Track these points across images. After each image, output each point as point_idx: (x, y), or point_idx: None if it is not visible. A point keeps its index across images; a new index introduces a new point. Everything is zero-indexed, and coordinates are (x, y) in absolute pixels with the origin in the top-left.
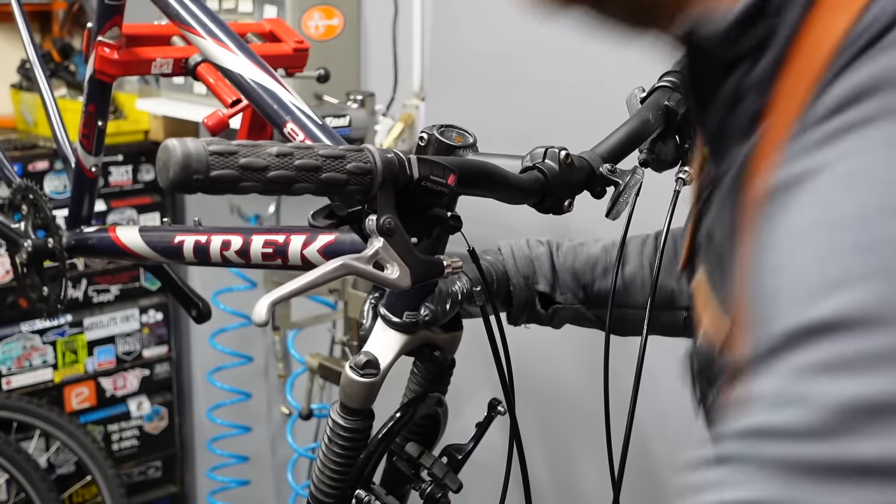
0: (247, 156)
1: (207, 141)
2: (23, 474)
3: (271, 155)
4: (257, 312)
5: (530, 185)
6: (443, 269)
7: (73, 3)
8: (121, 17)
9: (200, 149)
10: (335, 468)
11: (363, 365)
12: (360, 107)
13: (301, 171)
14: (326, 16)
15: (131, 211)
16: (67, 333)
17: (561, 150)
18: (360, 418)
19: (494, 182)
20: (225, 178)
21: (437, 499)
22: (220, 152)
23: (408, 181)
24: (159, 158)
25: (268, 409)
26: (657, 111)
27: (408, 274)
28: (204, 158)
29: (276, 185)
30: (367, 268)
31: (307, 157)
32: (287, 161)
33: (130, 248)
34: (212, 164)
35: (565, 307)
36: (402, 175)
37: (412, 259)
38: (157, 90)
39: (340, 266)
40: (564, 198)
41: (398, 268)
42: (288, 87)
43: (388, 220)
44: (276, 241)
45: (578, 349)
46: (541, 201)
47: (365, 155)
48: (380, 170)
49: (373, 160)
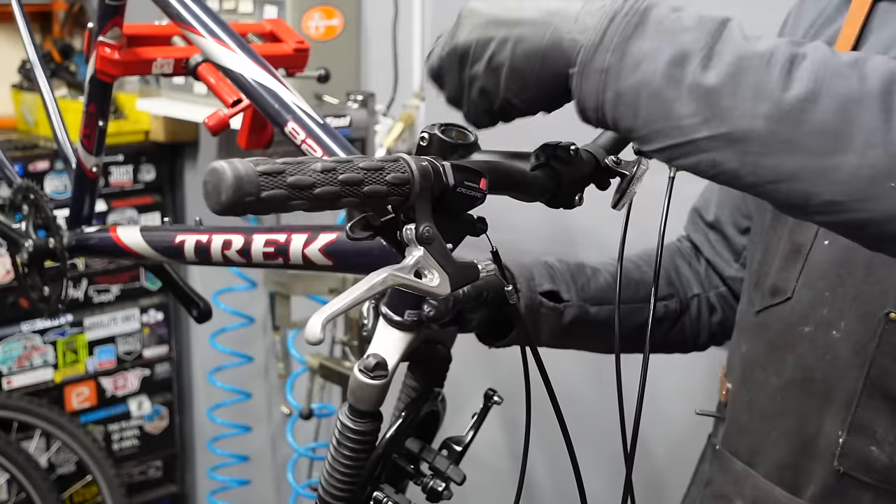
0: (293, 174)
1: (254, 161)
2: (23, 474)
3: (316, 171)
4: (311, 331)
5: (545, 182)
6: (478, 273)
7: (73, 3)
8: (121, 18)
9: (251, 170)
10: (345, 470)
11: (373, 367)
12: (361, 107)
13: (345, 185)
14: (326, 16)
15: (132, 211)
16: (68, 333)
17: (570, 145)
18: (369, 420)
19: (517, 182)
20: (275, 198)
21: (440, 492)
22: (269, 172)
23: (443, 188)
24: (208, 182)
25: (268, 408)
26: None
27: (447, 280)
28: (255, 180)
29: (322, 201)
30: (410, 277)
31: (350, 171)
32: (331, 177)
33: (131, 248)
34: (262, 185)
35: (572, 304)
36: (438, 182)
37: (450, 265)
38: (158, 90)
39: (386, 278)
40: (575, 192)
41: (438, 275)
42: (289, 87)
43: (426, 228)
44: (277, 241)
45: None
46: (554, 197)
47: (402, 165)
48: (417, 179)
49: (409, 169)
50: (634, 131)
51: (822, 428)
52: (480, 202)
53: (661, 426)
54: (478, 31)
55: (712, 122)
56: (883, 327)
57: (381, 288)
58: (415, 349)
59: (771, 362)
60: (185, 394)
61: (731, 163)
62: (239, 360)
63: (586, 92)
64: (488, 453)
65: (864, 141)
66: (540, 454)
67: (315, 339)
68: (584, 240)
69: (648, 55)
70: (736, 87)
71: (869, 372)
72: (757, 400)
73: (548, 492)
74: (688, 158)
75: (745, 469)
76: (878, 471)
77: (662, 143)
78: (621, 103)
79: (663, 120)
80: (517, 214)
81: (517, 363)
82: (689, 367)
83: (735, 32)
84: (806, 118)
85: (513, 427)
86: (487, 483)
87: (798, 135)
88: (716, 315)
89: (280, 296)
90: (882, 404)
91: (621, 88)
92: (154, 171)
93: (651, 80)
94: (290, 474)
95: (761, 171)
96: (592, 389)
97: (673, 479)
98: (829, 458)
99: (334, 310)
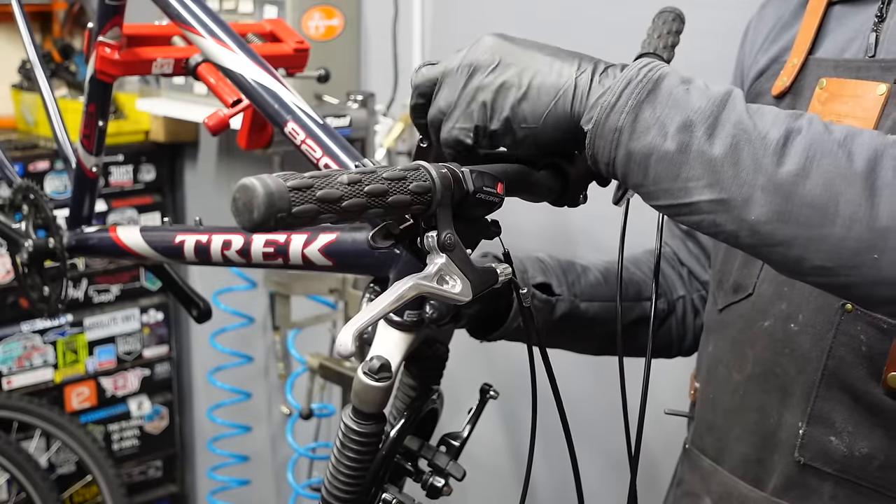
0: (322, 188)
1: (283, 176)
2: (23, 474)
3: (343, 184)
4: (343, 343)
5: (552, 182)
6: (497, 278)
7: (73, 3)
8: (121, 18)
9: (281, 186)
10: (349, 472)
11: (378, 370)
12: (361, 107)
13: (371, 196)
14: (326, 16)
15: (131, 211)
16: (68, 333)
17: None
18: (373, 422)
19: (529, 184)
20: (306, 213)
21: (440, 488)
22: (298, 187)
23: (463, 195)
24: (238, 199)
25: (268, 409)
26: None
27: (469, 286)
28: (286, 196)
29: (350, 214)
30: (434, 285)
31: (375, 182)
32: (358, 189)
33: (131, 248)
34: (293, 201)
35: (563, 299)
36: (458, 189)
37: (471, 272)
38: (158, 90)
39: (413, 286)
40: (580, 190)
41: (460, 282)
42: (289, 87)
43: (448, 235)
44: (276, 241)
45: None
46: (560, 196)
47: (422, 173)
48: (438, 187)
49: (431, 177)
50: (643, 188)
51: (783, 420)
52: (498, 206)
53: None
54: (498, 54)
55: (715, 188)
56: (840, 318)
57: (409, 297)
58: (417, 348)
59: (733, 359)
60: (185, 394)
61: (730, 225)
62: (239, 360)
63: (599, 147)
64: (487, 450)
65: (849, 216)
66: (539, 452)
67: (347, 353)
68: (583, 239)
69: (659, 121)
70: (736, 159)
71: (826, 363)
72: (720, 397)
73: (548, 491)
74: (690, 217)
75: (712, 466)
76: (837, 461)
77: (668, 201)
78: (632, 162)
79: (670, 181)
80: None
81: (513, 359)
82: (687, 368)
83: (738, 104)
84: (797, 192)
85: (511, 423)
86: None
87: (790, 206)
88: (699, 318)
89: (280, 296)
90: (840, 395)
91: (633, 149)
92: (154, 171)
93: (661, 145)
94: (290, 474)
95: (757, 236)
96: (590, 388)
97: (667, 479)
98: (790, 449)
99: (364, 321)
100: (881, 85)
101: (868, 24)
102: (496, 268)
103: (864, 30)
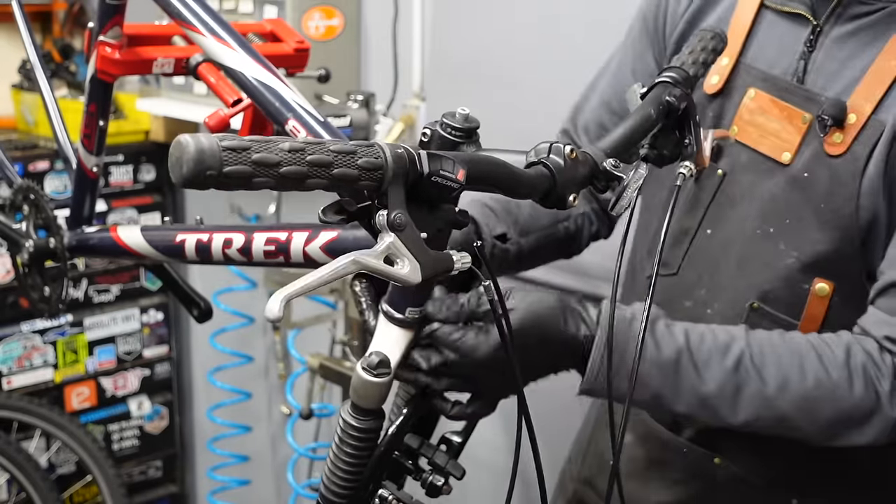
0: (259, 151)
1: (220, 137)
2: (23, 474)
3: (283, 150)
4: (271, 309)
5: (536, 180)
6: (452, 265)
7: (73, 3)
8: (122, 17)
9: (214, 145)
10: (347, 468)
11: (376, 365)
12: (361, 107)
13: (313, 166)
14: (327, 16)
15: (132, 211)
16: (68, 333)
17: (566, 146)
18: (372, 418)
19: (502, 177)
20: (238, 174)
21: (440, 487)
22: (233, 148)
23: (418, 176)
24: (172, 154)
25: (268, 409)
26: (658, 106)
27: (418, 269)
28: (217, 154)
29: (289, 181)
30: (377, 263)
31: (319, 153)
32: (299, 157)
33: (132, 248)
34: (225, 160)
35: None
36: (413, 170)
37: (423, 254)
38: (158, 90)
39: (351, 262)
40: (569, 193)
41: (409, 263)
42: (290, 85)
43: (398, 215)
44: (278, 239)
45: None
46: (546, 196)
47: (375, 150)
48: (390, 165)
49: (383, 155)
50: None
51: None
52: (458, 192)
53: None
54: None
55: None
56: (748, 314)
57: (347, 272)
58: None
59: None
60: (185, 394)
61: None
62: (239, 360)
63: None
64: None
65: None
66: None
67: (273, 317)
68: None
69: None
70: (702, 414)
71: None
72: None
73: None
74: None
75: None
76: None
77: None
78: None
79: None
80: None
81: None
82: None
83: (688, 370)
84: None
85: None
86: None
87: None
88: (594, 226)
89: None
90: None
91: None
92: (154, 171)
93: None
94: (290, 474)
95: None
96: None
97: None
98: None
99: (295, 288)
100: (805, 115)
101: (797, 45)
102: (453, 255)
103: (793, 50)
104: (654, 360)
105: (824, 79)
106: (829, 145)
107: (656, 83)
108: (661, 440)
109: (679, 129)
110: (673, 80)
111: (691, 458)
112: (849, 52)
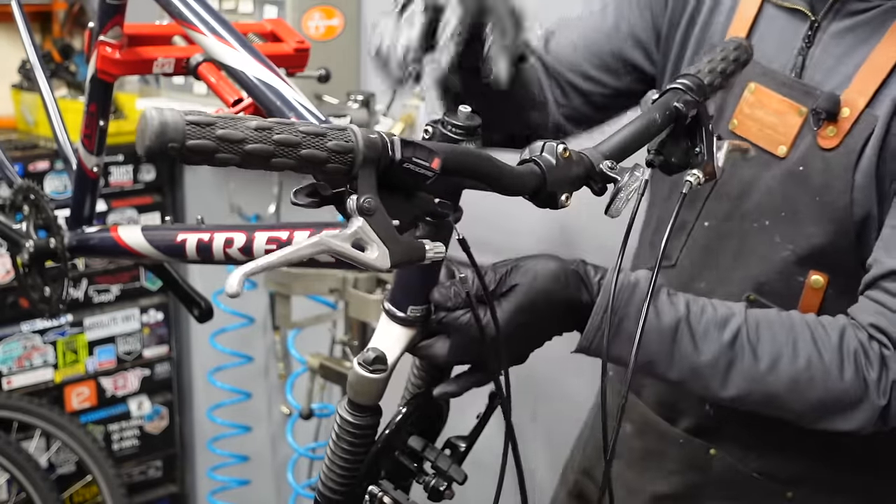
0: (224, 127)
1: (187, 111)
2: (23, 474)
3: (250, 128)
4: (230, 285)
5: (525, 176)
6: (424, 254)
7: (73, 3)
8: (122, 17)
9: (178, 118)
10: (344, 465)
11: (372, 361)
12: (361, 107)
13: (280, 145)
14: (327, 16)
15: (132, 211)
16: (68, 333)
17: (559, 144)
18: (368, 414)
19: (483, 169)
20: (200, 149)
21: (442, 491)
22: (197, 122)
23: (390, 162)
24: (138, 127)
25: (268, 409)
26: (665, 111)
27: (387, 255)
28: (181, 128)
29: (254, 159)
30: (345, 246)
31: (287, 133)
32: (266, 135)
33: (133, 248)
34: (188, 134)
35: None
36: (385, 156)
37: (392, 241)
38: (158, 90)
39: (317, 242)
40: (561, 192)
41: (377, 249)
42: (292, 84)
43: (368, 199)
44: (279, 238)
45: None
46: (535, 194)
47: (347, 134)
48: (361, 149)
49: (355, 139)
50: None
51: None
52: (431, 180)
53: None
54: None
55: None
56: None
57: (312, 252)
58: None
59: None
60: (185, 394)
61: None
62: (239, 360)
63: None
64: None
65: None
66: (541, 450)
67: (232, 293)
68: (583, 242)
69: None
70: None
71: None
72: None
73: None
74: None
75: (634, 397)
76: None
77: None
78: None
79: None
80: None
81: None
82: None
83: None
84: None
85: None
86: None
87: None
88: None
89: (280, 296)
90: None
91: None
92: (154, 171)
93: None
94: (290, 474)
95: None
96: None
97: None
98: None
99: (257, 265)
100: (801, 108)
101: (796, 40)
102: (425, 244)
103: (792, 45)
104: (654, 327)
105: (821, 74)
106: (822, 139)
107: (668, 89)
108: (659, 431)
109: (690, 137)
110: (685, 87)
111: (687, 450)
112: (845, 48)
